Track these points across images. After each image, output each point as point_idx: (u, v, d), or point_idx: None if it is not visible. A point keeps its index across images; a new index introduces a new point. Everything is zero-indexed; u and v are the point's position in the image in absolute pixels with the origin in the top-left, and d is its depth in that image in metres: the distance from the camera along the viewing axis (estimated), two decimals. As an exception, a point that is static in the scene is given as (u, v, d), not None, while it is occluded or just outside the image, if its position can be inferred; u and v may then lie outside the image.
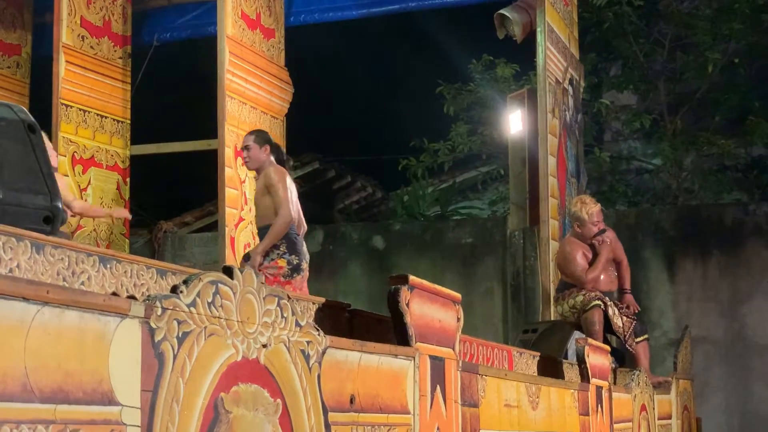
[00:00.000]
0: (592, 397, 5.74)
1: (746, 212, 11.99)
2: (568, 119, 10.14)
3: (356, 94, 18.36)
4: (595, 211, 8.29)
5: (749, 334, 11.60)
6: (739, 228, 11.85)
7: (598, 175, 14.72)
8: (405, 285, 3.39)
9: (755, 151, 14.92)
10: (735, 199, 14.46)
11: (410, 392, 3.37)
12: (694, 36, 14.51)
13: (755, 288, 11.64)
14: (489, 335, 10.35)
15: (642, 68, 14.94)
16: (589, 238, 8.24)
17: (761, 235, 11.74)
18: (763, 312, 11.54)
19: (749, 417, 11.47)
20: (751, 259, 11.70)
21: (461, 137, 15.14)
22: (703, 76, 14.39)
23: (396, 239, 12.79)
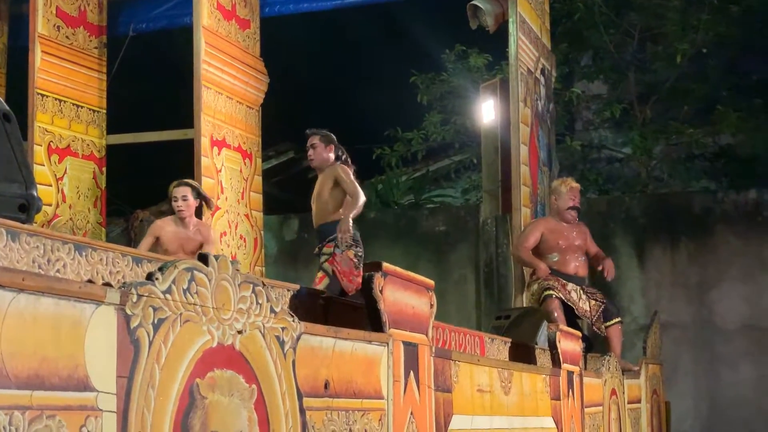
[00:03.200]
0: (564, 382, 5.77)
1: (714, 200, 12.06)
2: (539, 108, 10.16)
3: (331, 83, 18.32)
4: (574, 186, 8.39)
5: (717, 320, 11.67)
6: (707, 215, 11.91)
7: (570, 164, 14.75)
8: (379, 272, 3.40)
9: (723, 140, 14.98)
10: (703, 187, 14.53)
11: (384, 378, 3.37)
12: (664, 26, 14.56)
13: (723, 274, 11.71)
14: (462, 322, 10.37)
15: (612, 58, 14.98)
16: (564, 210, 8.28)
17: (729, 222, 11.81)
18: (731, 298, 11.62)
19: (717, 401, 11.55)
20: (719, 246, 11.77)
21: (434, 126, 15.16)
22: (672, 66, 14.44)
23: (370, 227, 12.78)
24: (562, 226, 8.33)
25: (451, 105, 15.30)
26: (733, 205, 11.87)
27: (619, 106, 14.60)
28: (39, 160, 9.32)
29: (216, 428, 2.42)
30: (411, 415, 3.55)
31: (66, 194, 9.72)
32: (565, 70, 14.53)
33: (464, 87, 14.84)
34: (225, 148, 8.86)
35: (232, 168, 8.99)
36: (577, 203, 8.37)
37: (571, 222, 8.35)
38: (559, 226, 8.33)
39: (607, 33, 14.65)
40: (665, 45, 14.56)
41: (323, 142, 7.98)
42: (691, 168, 14.85)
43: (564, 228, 8.33)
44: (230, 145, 8.95)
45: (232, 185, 8.92)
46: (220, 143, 8.85)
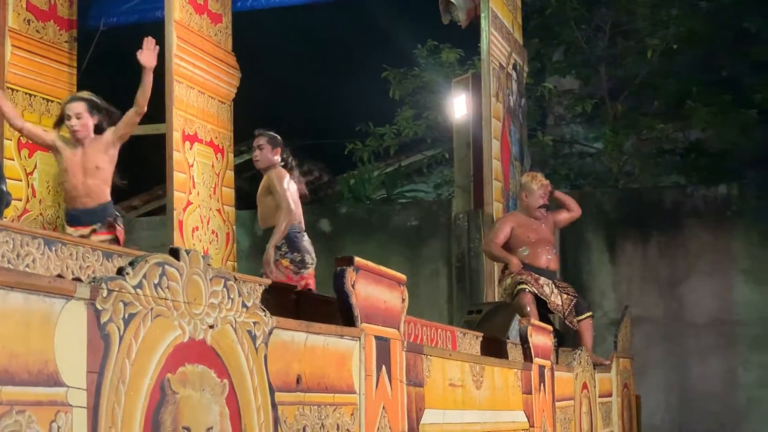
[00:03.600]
0: (535, 376, 5.78)
1: (684, 195, 12.12)
2: (511, 103, 10.17)
3: (303, 78, 18.29)
4: (545, 184, 8.41)
5: (687, 314, 11.74)
6: (677, 210, 11.97)
7: (541, 159, 14.80)
8: (351, 266, 3.39)
9: (693, 135, 15.06)
10: (674, 182, 14.60)
11: (356, 372, 3.37)
12: (634, 22, 14.63)
13: (693, 268, 11.77)
14: (434, 316, 10.38)
15: (584, 53, 15.03)
16: (534, 208, 8.30)
17: (699, 217, 11.88)
18: (701, 292, 11.68)
19: (686, 394, 11.62)
20: (689, 241, 11.83)
21: (407, 121, 15.17)
22: (643, 62, 14.52)
23: (342, 222, 12.77)
24: (532, 221, 8.35)
25: (423, 100, 15.31)
26: (703, 200, 11.93)
27: (590, 102, 14.66)
28: (9, 155, 9.25)
29: (187, 423, 2.41)
30: (383, 409, 3.55)
31: (36, 189, 9.65)
32: (537, 66, 14.57)
33: (436, 82, 14.85)
34: (197, 143, 8.83)
35: (204, 163, 8.95)
36: (547, 201, 8.40)
37: (540, 219, 8.36)
38: (529, 221, 8.36)
39: (578, 28, 14.70)
40: (636, 40, 14.64)
41: (270, 144, 8.04)
42: (661, 163, 14.93)
43: (533, 222, 8.35)
44: (202, 139, 8.91)
45: (204, 180, 8.88)
46: (192, 138, 8.81)
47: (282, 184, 7.80)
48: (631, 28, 14.76)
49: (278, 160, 8.02)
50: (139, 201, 14.33)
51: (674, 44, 14.36)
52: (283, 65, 18.30)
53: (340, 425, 3.22)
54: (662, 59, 14.53)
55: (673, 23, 14.36)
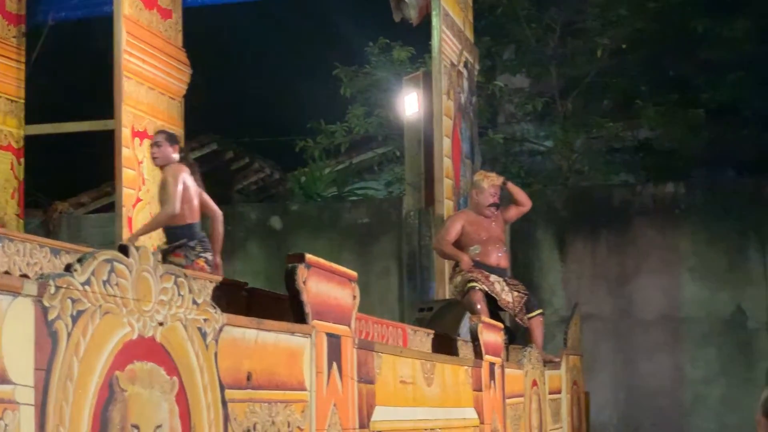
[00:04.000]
0: (486, 374, 5.80)
1: (633, 193, 12.22)
2: (462, 101, 10.20)
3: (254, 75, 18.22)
4: (496, 183, 8.38)
5: (636, 311, 11.83)
6: (626, 208, 12.06)
7: (492, 157, 14.85)
8: (302, 263, 3.38)
9: (642, 134, 15.19)
10: (623, 180, 14.71)
11: (307, 369, 3.36)
12: (584, 22, 14.73)
13: (641, 266, 11.87)
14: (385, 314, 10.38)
15: (534, 52, 15.11)
16: (484, 206, 8.28)
17: (647, 215, 11.97)
18: (649, 289, 11.78)
19: (634, 390, 11.71)
20: (638, 238, 11.92)
21: (358, 119, 15.16)
22: (592, 61, 14.62)
23: (294, 220, 12.74)
24: (482, 219, 8.34)
25: (374, 98, 15.31)
26: (652, 198, 12.03)
27: (540, 100, 14.74)
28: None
29: (136, 421, 2.39)
30: (334, 406, 3.55)
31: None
32: (488, 64, 14.62)
33: (387, 80, 14.86)
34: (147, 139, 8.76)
35: (154, 159, 8.88)
36: (497, 200, 8.36)
37: (491, 217, 8.35)
38: (479, 219, 8.33)
39: (529, 27, 14.77)
40: (586, 40, 14.73)
41: (168, 141, 7.90)
42: (611, 161, 15.04)
43: (484, 220, 8.33)
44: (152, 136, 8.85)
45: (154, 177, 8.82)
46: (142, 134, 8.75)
47: (176, 180, 7.68)
48: (581, 27, 14.85)
49: (176, 157, 7.89)
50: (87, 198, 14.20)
51: (623, 44, 14.48)
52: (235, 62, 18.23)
53: (291, 422, 3.21)
54: (612, 59, 14.64)
55: (622, 23, 14.48)
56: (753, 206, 11.75)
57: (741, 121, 13.80)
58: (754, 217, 11.69)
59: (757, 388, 9.36)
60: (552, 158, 15.39)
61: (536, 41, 14.95)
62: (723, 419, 11.38)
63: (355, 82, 15.04)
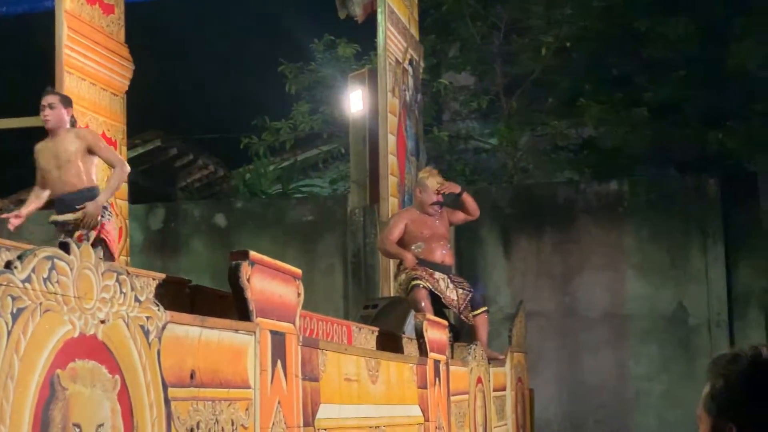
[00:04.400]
0: (431, 371, 5.81)
1: (577, 191, 12.31)
2: (407, 99, 10.21)
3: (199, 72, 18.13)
4: (440, 181, 8.37)
5: (580, 308, 11.92)
6: (570, 206, 12.15)
7: (437, 154, 14.89)
8: (246, 260, 3.37)
9: (586, 132, 15.31)
10: (567, 178, 14.82)
11: (251, 367, 3.34)
12: (529, 20, 14.81)
13: (585, 263, 11.96)
14: (330, 311, 10.37)
15: (479, 50, 15.17)
16: (428, 204, 8.26)
17: (591, 212, 12.07)
18: (593, 286, 11.87)
19: (578, 387, 11.80)
20: (582, 236, 12.01)
21: (303, 116, 15.15)
22: (537, 59, 14.70)
23: (238, 217, 12.70)
24: (426, 217, 8.33)
25: (319, 95, 15.31)
26: (595, 195, 12.13)
27: (485, 98, 14.81)
28: None
29: (77, 420, 2.36)
30: (278, 404, 3.54)
31: None
32: (433, 61, 14.66)
33: (332, 77, 14.85)
34: (89, 136, 8.66)
35: (97, 156, 8.79)
36: (441, 198, 8.36)
37: (434, 215, 8.35)
38: (423, 217, 8.33)
39: (474, 25, 14.83)
40: (531, 38, 14.81)
41: (62, 103, 7.38)
42: (555, 159, 15.14)
43: (428, 218, 8.33)
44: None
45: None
46: (84, 130, 8.65)
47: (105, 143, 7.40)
48: (526, 25, 14.93)
49: (69, 121, 7.41)
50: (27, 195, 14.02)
51: (568, 42, 14.58)
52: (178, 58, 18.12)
53: (235, 420, 3.20)
54: (556, 57, 14.74)
55: (566, 21, 14.58)
56: (695, 204, 11.89)
57: (683, 120, 13.95)
58: (696, 215, 11.83)
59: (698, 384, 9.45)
60: (497, 156, 15.46)
61: (481, 39, 15.01)
62: (664, 415, 11.51)
63: (300, 78, 15.01)
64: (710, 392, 2.20)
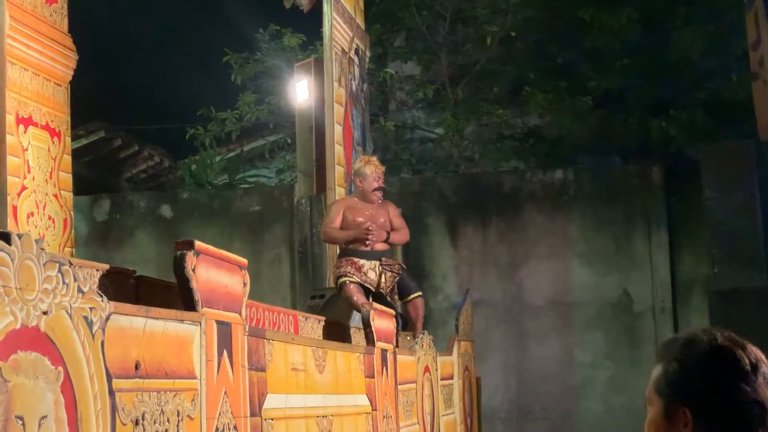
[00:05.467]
0: (378, 360, 5.82)
1: (523, 179, 12.37)
2: (354, 88, 10.20)
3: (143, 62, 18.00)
4: (378, 166, 8.24)
5: (525, 296, 12.00)
6: (516, 195, 12.21)
7: (384, 144, 14.90)
8: (191, 250, 3.35)
9: (531, 121, 15.38)
10: (513, 167, 14.88)
11: (197, 357, 3.33)
12: (474, 9, 14.84)
13: (531, 252, 12.03)
14: (277, 301, 10.36)
15: (425, 40, 15.19)
16: (369, 192, 8.15)
17: (536, 201, 12.14)
18: (538, 275, 11.95)
19: (525, 375, 11.88)
20: (528, 225, 12.08)
21: (248, 106, 15.09)
22: (482, 49, 14.75)
23: (184, 208, 12.63)
24: (365, 205, 8.20)
25: (265, 85, 15.26)
26: (541, 184, 12.20)
27: (431, 87, 14.82)
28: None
29: (20, 413, 2.34)
30: (224, 394, 3.52)
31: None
32: (379, 51, 14.66)
33: (278, 67, 14.80)
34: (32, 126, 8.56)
35: (40, 147, 8.69)
36: (381, 183, 8.23)
37: (376, 202, 8.15)
38: (360, 204, 8.17)
39: (419, 15, 14.84)
40: (475, 27, 14.85)
41: None
42: (501, 148, 15.19)
43: (365, 206, 8.17)
44: (37, 123, 8.65)
45: (40, 164, 8.63)
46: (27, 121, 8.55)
47: None
48: (471, 15, 14.96)
49: None
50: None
51: (512, 32, 14.63)
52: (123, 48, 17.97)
53: (181, 411, 3.18)
54: (501, 46, 14.80)
55: (511, 11, 14.63)
56: (639, 192, 12.01)
57: (627, 109, 14.05)
58: (640, 203, 11.95)
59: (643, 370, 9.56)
60: (443, 145, 15.49)
61: (427, 29, 15.03)
62: (610, 401, 11.62)
63: (245, 68, 14.95)
64: (663, 375, 2.18)
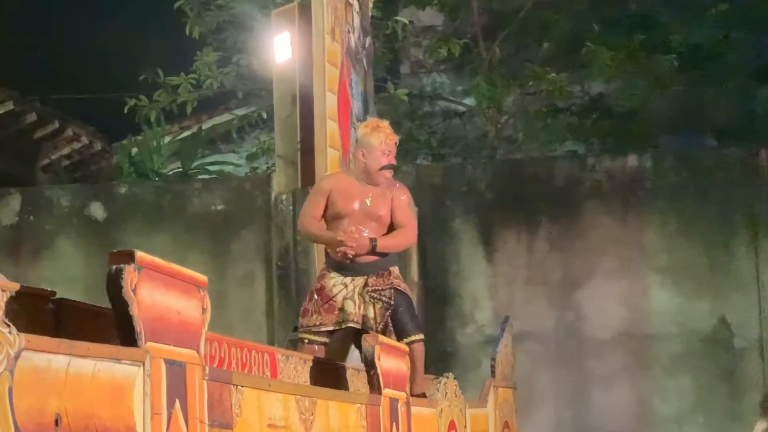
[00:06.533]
0: (385, 413, 5.82)
1: (583, 168, 12.33)
2: (352, 44, 10.20)
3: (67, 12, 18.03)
4: (390, 135, 7.66)
5: (586, 327, 11.96)
6: (573, 189, 12.17)
7: (394, 119, 14.82)
8: (131, 264, 3.35)
9: (594, 88, 15.35)
10: (569, 151, 14.86)
11: (139, 409, 3.33)
12: (516, -63, 14.87)
13: (593, 267, 11.99)
14: (248, 333, 10.36)
15: (448, -22, 15.20)
16: (374, 171, 7.59)
17: (602, 197, 12.08)
18: (603, 298, 11.89)
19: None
20: (589, 230, 12.04)
21: (209, 68, 15.09)
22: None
23: (121, 206, 12.64)
24: (361, 187, 7.65)
25: (231, 39, 15.27)
26: (607, 174, 12.16)
27: (458, 43, 14.80)
28: None
29: None
30: (177, 460, 3.54)
31: None
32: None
33: (249, 15, 14.80)
34: None
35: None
36: (392, 160, 7.67)
37: (382, 185, 7.67)
38: (356, 186, 7.64)
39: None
40: (519, -39, 14.87)
41: None
42: (553, 125, 15.17)
43: (364, 190, 7.63)
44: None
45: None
46: None
47: None
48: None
49: None
50: None
51: (568, -33, 14.66)
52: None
53: (117, 483, 3.19)
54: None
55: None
56: (741, 185, 11.95)
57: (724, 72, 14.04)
58: (742, 199, 11.89)
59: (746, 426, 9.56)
60: (474, 122, 15.49)
61: (451, -38, 15.06)
62: (702, 470, 11.61)
63: (205, 18, 14.96)
64: None
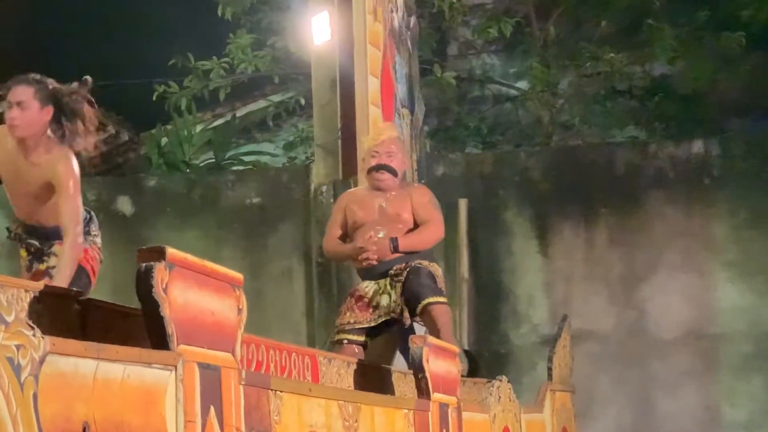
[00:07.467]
0: (435, 419, 5.82)
1: (645, 155, 12.30)
2: (396, 24, 10.21)
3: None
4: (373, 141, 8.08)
5: (650, 326, 11.93)
6: (634, 177, 12.14)
7: (441, 104, 14.90)
8: (161, 261, 3.36)
9: (657, 69, 15.30)
10: (630, 137, 14.82)
11: (171, 417, 3.35)
12: None
13: (657, 262, 11.96)
14: (287, 335, 10.39)
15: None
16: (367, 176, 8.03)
17: (665, 186, 12.05)
18: (668, 295, 11.86)
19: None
20: (652, 221, 12.01)
21: (243, 52, 15.10)
22: (584, -36, 14.73)
23: (151, 200, 12.68)
24: (371, 196, 8.01)
25: (266, 20, 15.29)
26: (671, 161, 12.13)
27: (510, 21, 14.78)
28: None
29: None
30: (212, 470, 3.55)
31: None
32: (433, -33, 14.68)
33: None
34: None
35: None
36: (382, 160, 7.94)
37: (382, 188, 7.97)
38: (367, 196, 8.04)
39: None
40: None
41: (39, 99, 6.80)
42: (612, 110, 15.13)
43: (374, 197, 7.98)
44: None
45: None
46: None
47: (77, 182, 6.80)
48: None
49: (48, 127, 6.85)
50: None
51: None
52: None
53: (149, 494, 3.21)
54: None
55: None
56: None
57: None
58: (819, 188, 11.86)
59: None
60: (527, 106, 15.47)
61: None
62: (775, 479, 11.57)
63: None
64: None
